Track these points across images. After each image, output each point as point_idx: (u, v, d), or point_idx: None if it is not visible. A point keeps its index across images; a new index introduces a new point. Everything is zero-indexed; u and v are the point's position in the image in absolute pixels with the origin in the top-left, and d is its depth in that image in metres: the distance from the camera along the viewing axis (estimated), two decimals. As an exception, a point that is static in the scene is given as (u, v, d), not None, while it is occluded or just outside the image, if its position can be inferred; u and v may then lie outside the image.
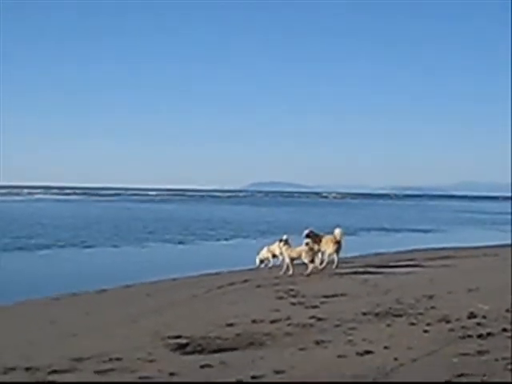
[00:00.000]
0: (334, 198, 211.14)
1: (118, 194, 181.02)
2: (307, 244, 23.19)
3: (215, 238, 42.80)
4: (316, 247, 23.64)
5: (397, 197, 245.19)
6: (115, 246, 36.32)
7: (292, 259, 23.23)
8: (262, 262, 25.28)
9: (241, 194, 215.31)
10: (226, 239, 42.24)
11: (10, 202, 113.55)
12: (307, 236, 23.77)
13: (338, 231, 24.16)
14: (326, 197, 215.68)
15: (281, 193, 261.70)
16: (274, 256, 25.14)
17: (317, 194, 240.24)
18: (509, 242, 37.88)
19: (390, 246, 35.94)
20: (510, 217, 78.95)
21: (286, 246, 23.46)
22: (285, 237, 24.00)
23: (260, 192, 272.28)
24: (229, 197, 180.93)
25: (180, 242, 39.79)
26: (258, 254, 25.46)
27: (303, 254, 22.98)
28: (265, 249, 25.38)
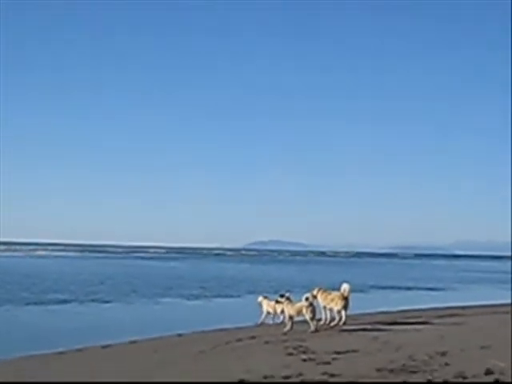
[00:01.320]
0: (336, 254, 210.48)
1: (117, 251, 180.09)
2: (307, 299, 22.72)
3: (228, 295, 42.67)
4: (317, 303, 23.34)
5: (402, 256, 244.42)
6: (130, 302, 36.10)
7: (290, 317, 22.80)
8: (268, 313, 25.05)
9: (242, 253, 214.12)
10: (239, 296, 42.00)
11: (13, 257, 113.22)
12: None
13: (345, 286, 23.82)
14: (331, 255, 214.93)
15: (282, 251, 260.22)
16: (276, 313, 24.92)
17: (322, 253, 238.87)
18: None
19: (399, 303, 35.56)
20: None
21: (286, 302, 23.10)
22: (286, 294, 23.72)
23: (260, 250, 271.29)
24: (230, 255, 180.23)
25: (196, 298, 39.90)
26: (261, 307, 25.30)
27: (304, 310, 22.53)
28: (263, 302, 25.23)
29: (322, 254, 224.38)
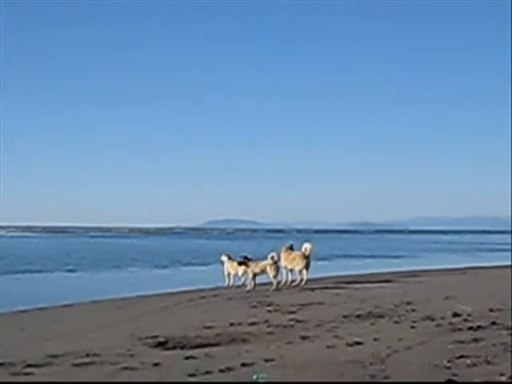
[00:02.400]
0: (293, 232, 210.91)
1: (78, 231, 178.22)
2: (272, 258, 22.56)
3: (196, 263, 42.83)
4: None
5: (362, 232, 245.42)
6: (98, 272, 35.82)
7: (255, 274, 22.62)
8: (229, 275, 24.47)
9: (198, 231, 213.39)
10: (207, 264, 41.86)
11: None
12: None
13: (306, 245, 23.61)
14: (289, 232, 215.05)
15: (241, 230, 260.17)
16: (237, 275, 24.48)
17: (279, 230, 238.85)
18: (476, 264, 38.16)
19: (362, 268, 35.64)
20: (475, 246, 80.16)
21: (250, 262, 22.89)
22: (244, 253, 23.53)
23: (218, 229, 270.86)
24: (189, 233, 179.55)
25: (165, 267, 39.91)
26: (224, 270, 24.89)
27: (268, 268, 22.36)
28: (225, 263, 24.69)
29: (280, 231, 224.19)
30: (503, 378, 7.70)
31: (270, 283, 22.23)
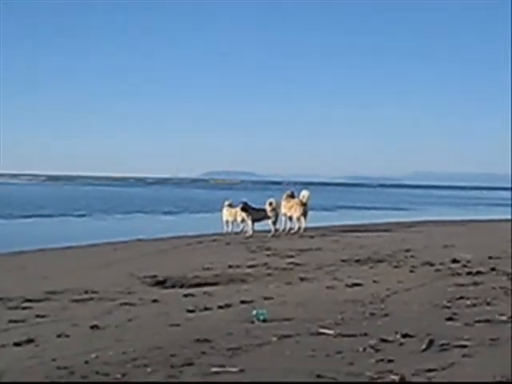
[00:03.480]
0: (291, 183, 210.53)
1: (74, 180, 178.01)
2: (270, 204, 22.53)
3: (202, 211, 42.89)
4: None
5: (365, 185, 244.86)
6: (104, 218, 35.98)
7: (254, 220, 22.61)
8: (227, 222, 24.40)
9: (197, 182, 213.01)
10: (204, 212, 41.98)
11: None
12: (242, 209, 23.25)
13: (304, 193, 23.57)
14: (287, 184, 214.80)
15: (237, 181, 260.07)
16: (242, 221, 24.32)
17: (276, 182, 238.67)
18: (476, 217, 38.19)
19: (363, 219, 35.62)
20: (475, 201, 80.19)
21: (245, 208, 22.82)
22: (244, 199, 23.47)
23: (215, 180, 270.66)
24: (187, 183, 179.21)
25: (172, 213, 40.25)
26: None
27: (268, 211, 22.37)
28: (224, 210, 24.53)
29: (279, 183, 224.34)
30: (503, 318, 7.72)
31: (269, 230, 22.26)
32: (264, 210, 22.64)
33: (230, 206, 24.39)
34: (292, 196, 23.78)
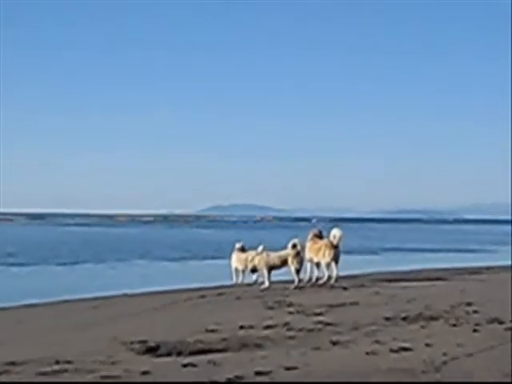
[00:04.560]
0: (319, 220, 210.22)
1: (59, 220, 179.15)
2: (294, 246, 22.30)
3: (213, 256, 43.04)
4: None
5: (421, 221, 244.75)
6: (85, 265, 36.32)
7: (270, 268, 22.42)
8: (236, 270, 24.23)
9: (198, 219, 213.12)
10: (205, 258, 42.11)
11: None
12: (316, 236, 23.22)
13: (335, 232, 23.36)
14: (313, 221, 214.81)
15: (248, 217, 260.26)
16: (254, 270, 24.09)
17: (298, 219, 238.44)
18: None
19: (408, 264, 35.47)
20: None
21: (263, 254, 22.66)
22: (261, 247, 23.23)
23: (220, 216, 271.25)
24: (186, 221, 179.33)
25: (175, 260, 41.01)
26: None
27: (289, 260, 22.13)
28: (234, 255, 24.36)
29: (301, 219, 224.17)
30: None
31: (291, 281, 22.17)
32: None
33: (242, 249, 24.27)
34: (320, 236, 23.68)
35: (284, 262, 22.31)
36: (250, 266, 23.30)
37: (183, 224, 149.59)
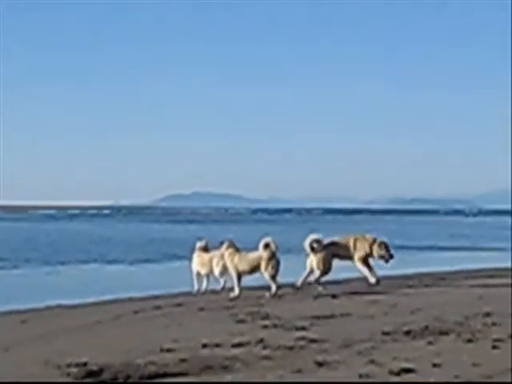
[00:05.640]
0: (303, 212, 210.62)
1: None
2: (266, 246, 22.17)
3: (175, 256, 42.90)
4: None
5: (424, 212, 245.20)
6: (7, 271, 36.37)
7: (240, 273, 22.38)
8: (198, 275, 24.09)
9: (150, 211, 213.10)
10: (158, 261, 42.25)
11: None
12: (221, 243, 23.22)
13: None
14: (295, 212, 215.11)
15: (214, 209, 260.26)
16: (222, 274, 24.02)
17: (280, 211, 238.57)
18: None
19: (412, 266, 35.54)
20: None
21: (229, 251, 22.57)
22: (227, 241, 23.11)
23: (179, 208, 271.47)
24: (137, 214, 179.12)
25: (104, 262, 41.46)
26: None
27: (263, 265, 22.07)
28: (195, 257, 24.29)
29: (285, 211, 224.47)
30: None
31: (266, 288, 22.23)
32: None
33: (205, 249, 24.23)
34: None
35: (254, 267, 22.26)
36: (217, 269, 23.30)
37: (133, 217, 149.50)
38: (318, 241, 22.92)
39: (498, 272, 29.83)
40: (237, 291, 22.28)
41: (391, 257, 23.51)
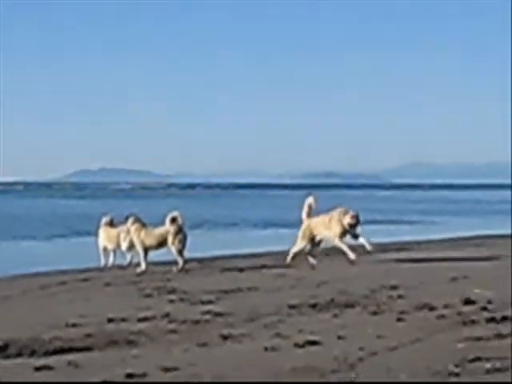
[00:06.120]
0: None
1: None
2: (173, 220, 22.13)
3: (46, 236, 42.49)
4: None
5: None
6: None
7: (147, 248, 22.32)
8: (105, 250, 23.99)
9: (57, 187, 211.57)
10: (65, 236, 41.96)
11: None
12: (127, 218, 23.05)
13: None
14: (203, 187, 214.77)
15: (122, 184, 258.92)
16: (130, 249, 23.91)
17: (188, 186, 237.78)
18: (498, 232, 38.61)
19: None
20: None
21: (135, 226, 22.48)
22: (132, 217, 23.00)
23: (87, 184, 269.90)
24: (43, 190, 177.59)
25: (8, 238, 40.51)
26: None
27: (170, 239, 22.04)
28: (101, 231, 24.16)
29: (190, 186, 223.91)
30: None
31: (173, 262, 22.21)
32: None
33: (111, 224, 24.16)
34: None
35: (161, 242, 22.25)
36: (124, 244, 23.21)
37: (39, 193, 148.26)
38: None
39: (408, 245, 30.07)
40: (143, 266, 22.20)
41: None
